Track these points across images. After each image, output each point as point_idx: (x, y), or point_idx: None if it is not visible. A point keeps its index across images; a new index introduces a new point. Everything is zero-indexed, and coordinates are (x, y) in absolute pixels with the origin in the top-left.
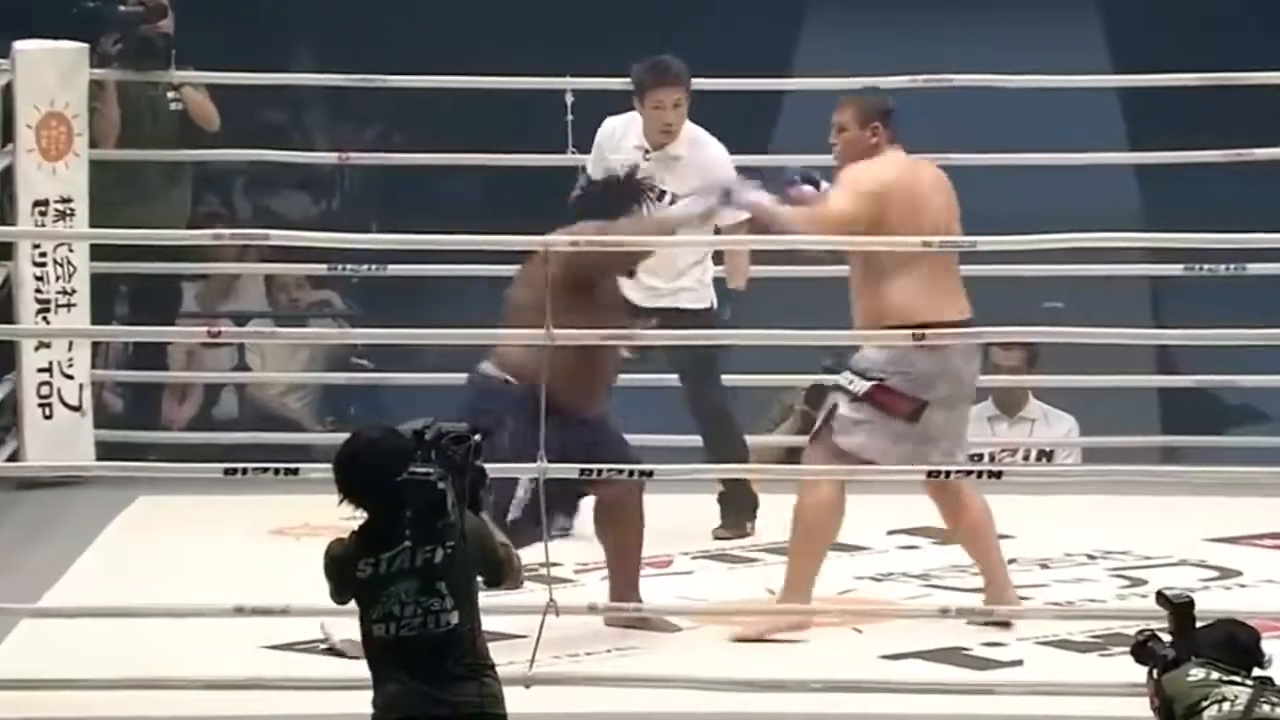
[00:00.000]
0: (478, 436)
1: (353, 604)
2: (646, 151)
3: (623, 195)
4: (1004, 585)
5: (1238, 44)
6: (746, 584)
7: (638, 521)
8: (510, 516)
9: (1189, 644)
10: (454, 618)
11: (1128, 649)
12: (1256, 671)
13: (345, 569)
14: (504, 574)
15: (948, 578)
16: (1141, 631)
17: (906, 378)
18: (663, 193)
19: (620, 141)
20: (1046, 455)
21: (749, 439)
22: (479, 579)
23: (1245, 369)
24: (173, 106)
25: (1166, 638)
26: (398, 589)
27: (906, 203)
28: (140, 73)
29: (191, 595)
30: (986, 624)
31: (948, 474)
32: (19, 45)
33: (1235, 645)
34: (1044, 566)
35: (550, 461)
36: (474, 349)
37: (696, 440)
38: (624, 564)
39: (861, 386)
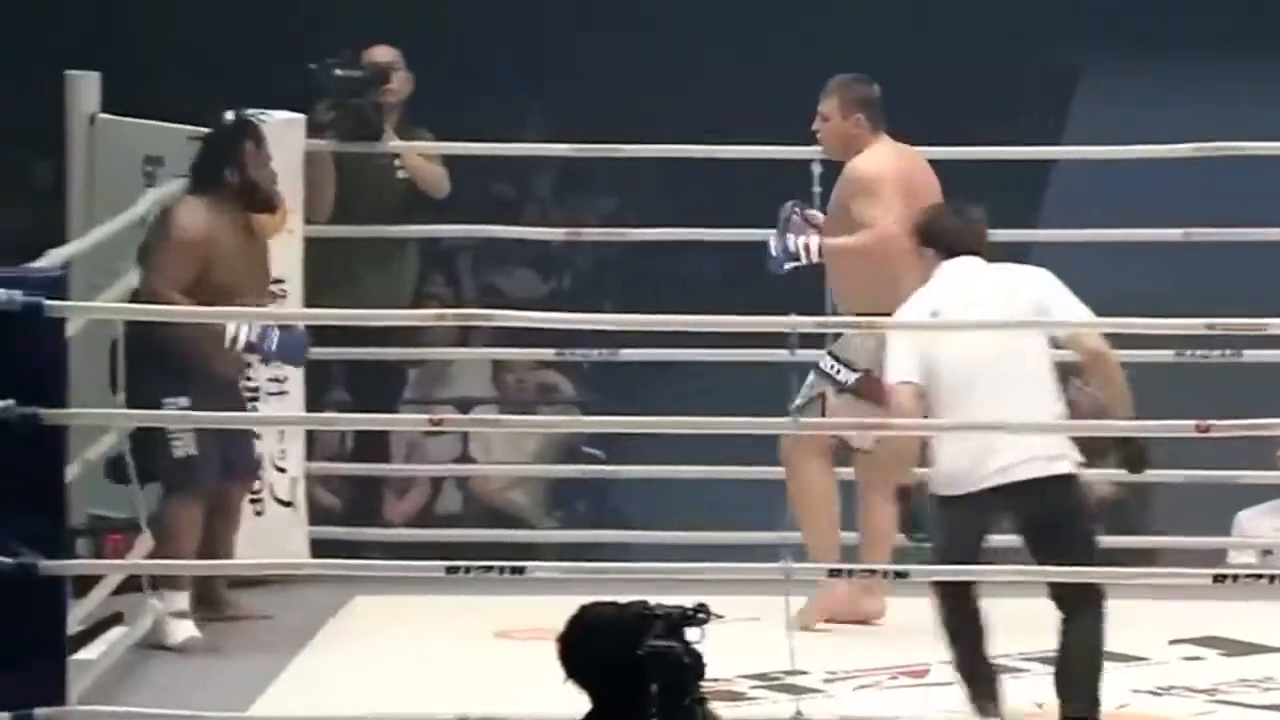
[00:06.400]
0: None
1: None
2: None
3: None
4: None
5: None
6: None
7: None
8: None
9: None
10: None
11: None
12: None
13: None
14: None
15: (1235, 692)
16: None
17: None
18: None
19: None
20: None
21: None
22: None
23: None
24: (399, 175)
25: None
26: None
27: (901, 190)
28: (350, 143)
29: (412, 702)
30: None
31: None
32: (228, 116)
33: None
34: None
35: None
36: (712, 439)
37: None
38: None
39: (849, 377)
